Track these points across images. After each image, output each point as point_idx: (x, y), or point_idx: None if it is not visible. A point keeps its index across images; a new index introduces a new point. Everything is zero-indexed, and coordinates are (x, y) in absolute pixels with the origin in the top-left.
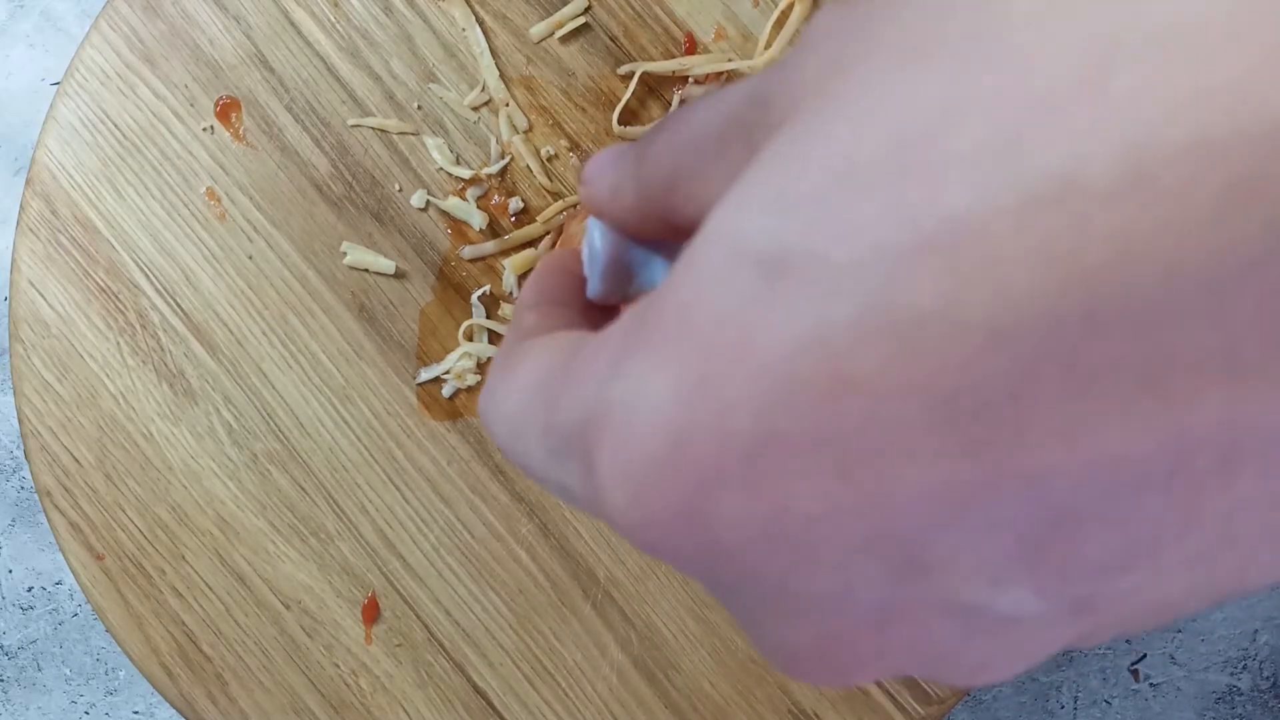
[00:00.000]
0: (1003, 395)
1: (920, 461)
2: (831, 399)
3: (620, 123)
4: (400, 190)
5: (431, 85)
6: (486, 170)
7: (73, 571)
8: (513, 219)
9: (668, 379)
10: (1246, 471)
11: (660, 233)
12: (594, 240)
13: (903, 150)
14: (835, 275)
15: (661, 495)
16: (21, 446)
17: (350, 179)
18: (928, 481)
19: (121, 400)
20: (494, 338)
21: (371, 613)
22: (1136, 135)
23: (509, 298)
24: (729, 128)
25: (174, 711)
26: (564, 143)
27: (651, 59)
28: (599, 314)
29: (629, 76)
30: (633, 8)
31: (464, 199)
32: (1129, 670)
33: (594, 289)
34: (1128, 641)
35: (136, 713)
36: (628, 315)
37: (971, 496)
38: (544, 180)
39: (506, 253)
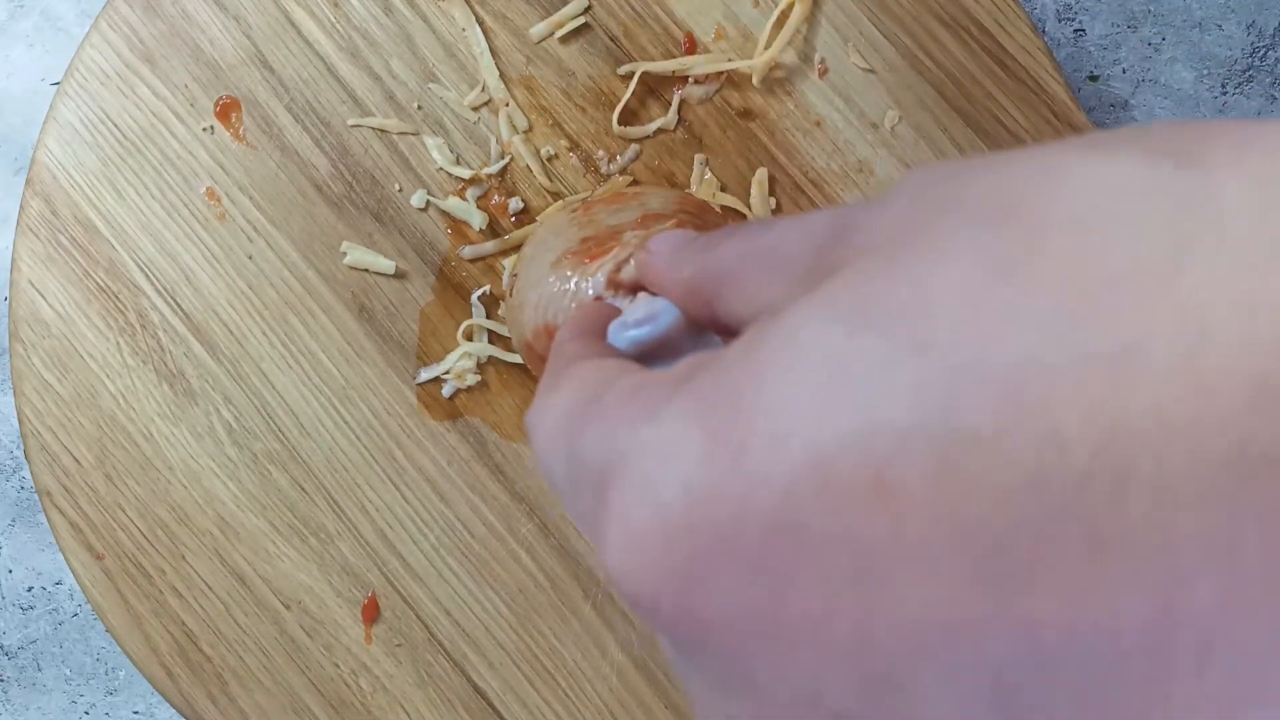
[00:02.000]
0: (1027, 539)
1: (933, 584)
2: (864, 501)
3: (620, 123)
4: (400, 190)
5: (431, 85)
6: (486, 170)
7: (73, 571)
8: (513, 219)
9: (700, 439)
10: (1218, 666)
11: (697, 314)
12: (660, 305)
13: (978, 291)
14: (896, 385)
15: (662, 552)
16: (21, 446)
17: (350, 179)
18: (934, 605)
19: (121, 400)
20: (494, 338)
21: (371, 613)
22: (1193, 327)
23: (509, 297)
24: (797, 249)
25: (174, 711)
26: (564, 143)
27: (651, 59)
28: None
29: (629, 76)
30: (633, 8)
31: (464, 199)
32: None
33: (625, 340)
34: None
35: (136, 713)
36: (674, 371)
37: (969, 629)
38: (544, 180)
39: (506, 253)
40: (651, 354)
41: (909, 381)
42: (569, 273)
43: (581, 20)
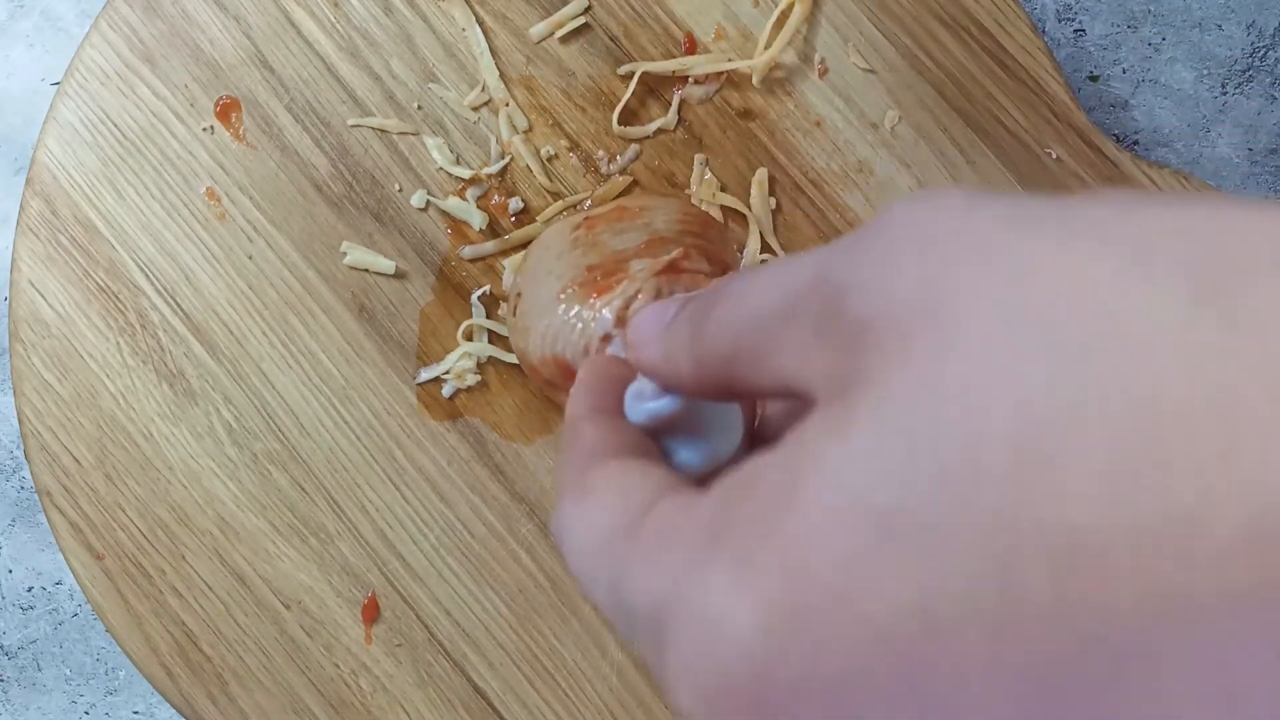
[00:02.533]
0: (1086, 690)
1: None
2: (928, 663)
3: (620, 123)
4: (400, 190)
5: (431, 85)
6: (486, 170)
7: (73, 571)
8: (513, 219)
9: (757, 604)
10: None
11: (713, 396)
12: (658, 397)
13: (1030, 442)
14: (950, 550)
15: (732, 710)
16: (21, 446)
17: (350, 179)
18: None
19: (121, 400)
20: (494, 338)
21: (371, 613)
22: (1252, 495)
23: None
24: (795, 308)
25: (174, 711)
26: (564, 143)
27: (651, 59)
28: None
29: (629, 76)
30: (633, 8)
31: (464, 199)
32: None
33: (642, 414)
34: None
35: (136, 713)
36: (711, 508)
37: None
38: (544, 180)
39: (506, 253)
40: (669, 424)
41: (963, 546)
42: (577, 306)
43: (581, 20)
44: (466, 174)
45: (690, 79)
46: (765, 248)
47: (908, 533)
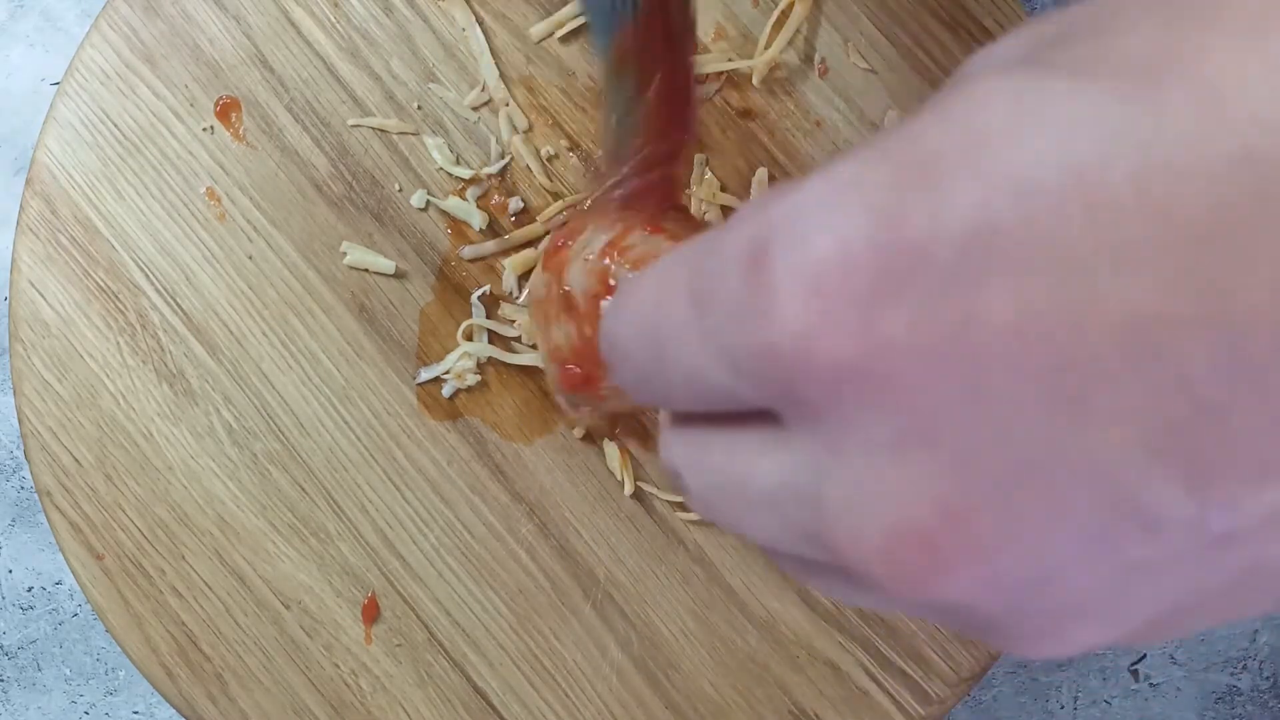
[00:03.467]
0: (1236, 224)
1: (1137, 280)
2: (1064, 205)
3: None
4: (400, 190)
5: (431, 85)
6: (486, 170)
7: (73, 571)
8: (513, 219)
9: (881, 167)
10: None
11: None
12: None
13: (1167, 27)
14: (1088, 100)
15: (845, 279)
16: (21, 446)
17: (350, 179)
18: (1139, 307)
19: (121, 400)
20: (494, 338)
21: (371, 613)
22: None
23: (509, 298)
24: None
25: (174, 711)
26: (564, 143)
27: None
28: None
29: None
30: None
31: (464, 199)
32: (1129, 670)
33: None
34: None
35: (136, 713)
36: (811, 176)
37: (1171, 333)
38: (544, 180)
39: (506, 253)
40: None
41: (1103, 94)
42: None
43: (582, 20)
44: (466, 174)
45: None
46: None
47: (1044, 100)
